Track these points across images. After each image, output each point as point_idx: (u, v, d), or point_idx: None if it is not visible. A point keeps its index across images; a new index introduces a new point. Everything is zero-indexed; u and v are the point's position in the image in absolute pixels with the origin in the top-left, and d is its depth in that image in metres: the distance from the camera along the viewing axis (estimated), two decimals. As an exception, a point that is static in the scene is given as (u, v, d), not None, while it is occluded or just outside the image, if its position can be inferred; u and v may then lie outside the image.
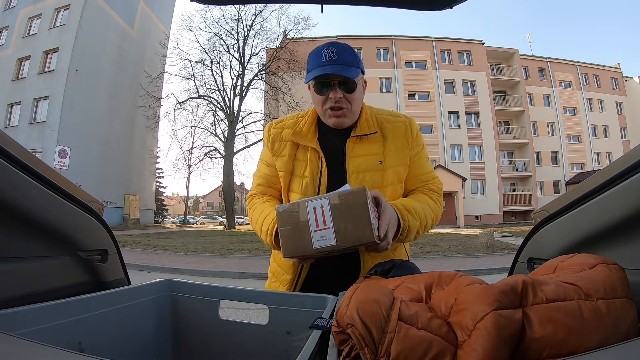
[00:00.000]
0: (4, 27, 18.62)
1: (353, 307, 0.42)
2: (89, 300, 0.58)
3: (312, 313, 0.62)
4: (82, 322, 0.55)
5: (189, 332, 0.71)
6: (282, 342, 0.64)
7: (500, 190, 22.79)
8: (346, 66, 0.93)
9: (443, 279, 0.51)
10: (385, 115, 1.08)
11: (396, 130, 1.04)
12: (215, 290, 0.70)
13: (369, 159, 1.01)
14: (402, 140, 1.04)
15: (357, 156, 1.01)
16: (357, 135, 1.01)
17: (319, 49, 0.97)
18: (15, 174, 0.52)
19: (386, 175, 1.01)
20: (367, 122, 1.03)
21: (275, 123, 1.13)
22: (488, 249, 8.80)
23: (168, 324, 0.72)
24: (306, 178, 1.01)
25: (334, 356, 0.42)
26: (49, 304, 0.52)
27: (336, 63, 0.93)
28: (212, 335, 0.69)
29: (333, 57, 0.94)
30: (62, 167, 11.45)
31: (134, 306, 0.66)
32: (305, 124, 1.06)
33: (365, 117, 1.04)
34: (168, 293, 0.72)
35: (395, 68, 23.21)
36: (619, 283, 0.40)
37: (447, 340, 0.39)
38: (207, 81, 19.99)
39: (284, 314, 0.66)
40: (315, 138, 1.04)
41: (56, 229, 0.64)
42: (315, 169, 1.01)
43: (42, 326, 0.50)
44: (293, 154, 1.05)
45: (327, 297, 0.65)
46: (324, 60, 0.94)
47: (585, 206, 0.62)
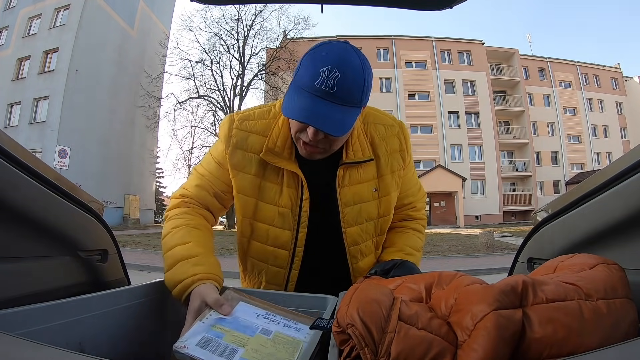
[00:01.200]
0: (4, 27, 18.61)
1: (353, 307, 0.42)
2: (89, 300, 0.58)
3: (313, 313, 0.62)
4: (82, 322, 0.56)
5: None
6: None
7: (500, 190, 22.80)
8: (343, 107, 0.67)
9: (443, 279, 0.51)
10: (376, 125, 0.87)
11: (390, 147, 0.86)
12: None
13: (362, 187, 0.83)
14: (398, 159, 0.87)
15: (350, 185, 0.82)
16: (349, 163, 0.81)
17: (321, 60, 0.68)
18: (15, 174, 0.52)
19: (382, 204, 0.85)
20: (360, 143, 0.83)
21: (239, 120, 0.83)
22: (488, 249, 8.80)
23: (167, 324, 0.72)
24: (283, 208, 0.80)
25: (335, 356, 0.42)
26: (49, 304, 0.52)
27: (331, 99, 0.66)
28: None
29: (331, 89, 0.65)
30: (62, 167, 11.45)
31: (136, 306, 0.66)
32: (279, 135, 0.80)
33: (356, 135, 0.82)
34: (169, 293, 0.72)
35: (395, 68, 23.21)
36: (619, 283, 0.40)
37: (447, 340, 0.39)
38: (207, 81, 19.98)
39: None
40: (292, 157, 0.80)
41: (56, 229, 0.64)
42: (295, 198, 0.80)
43: (42, 326, 0.50)
44: (261, 172, 0.81)
45: (327, 298, 0.65)
46: (318, 85, 0.66)
47: (585, 206, 0.62)
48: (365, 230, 0.85)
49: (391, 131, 0.88)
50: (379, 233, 0.88)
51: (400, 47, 23.57)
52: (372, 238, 0.88)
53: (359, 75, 0.68)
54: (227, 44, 20.22)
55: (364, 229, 0.85)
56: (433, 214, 21.30)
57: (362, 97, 0.70)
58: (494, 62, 25.09)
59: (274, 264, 0.85)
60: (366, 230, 0.86)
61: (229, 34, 20.15)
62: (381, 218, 0.87)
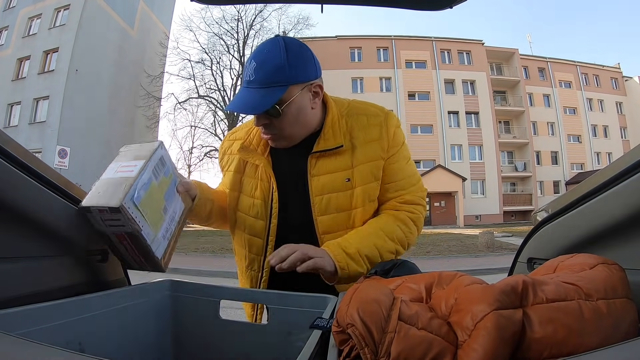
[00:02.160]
0: (4, 27, 18.61)
1: (353, 307, 0.42)
2: (90, 300, 0.58)
3: (313, 313, 0.62)
4: (82, 322, 0.56)
5: (190, 332, 0.71)
6: (282, 343, 0.65)
7: (500, 190, 22.80)
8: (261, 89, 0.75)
9: (443, 279, 0.51)
10: (358, 116, 0.89)
11: (368, 136, 0.87)
12: (215, 290, 0.70)
13: (334, 177, 0.84)
14: (376, 149, 0.86)
15: (320, 174, 0.84)
16: (320, 151, 0.84)
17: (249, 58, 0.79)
18: (15, 174, 0.52)
19: (355, 195, 0.85)
20: (333, 130, 0.85)
21: (229, 134, 1.00)
22: (488, 249, 8.80)
23: (169, 323, 0.72)
24: (257, 199, 0.88)
25: (334, 356, 0.42)
26: (49, 303, 0.52)
27: (251, 86, 0.76)
28: (212, 335, 0.69)
29: (250, 77, 0.76)
30: (62, 167, 11.45)
31: (136, 306, 0.66)
32: (256, 135, 0.90)
33: (330, 124, 0.86)
34: (169, 293, 0.72)
35: (395, 68, 23.21)
36: (620, 283, 0.40)
37: (447, 340, 0.39)
38: (207, 81, 20.02)
39: (284, 314, 0.66)
40: (265, 153, 0.88)
41: (56, 229, 0.64)
42: (267, 190, 0.87)
43: (42, 326, 0.50)
44: (241, 168, 0.92)
45: (327, 297, 0.65)
46: (244, 78, 0.78)
47: (585, 206, 0.62)
48: (337, 221, 0.85)
49: (373, 120, 0.89)
50: (352, 225, 0.85)
51: (400, 47, 23.58)
52: (345, 229, 0.85)
53: (275, 59, 0.75)
54: (227, 44, 20.27)
55: (336, 219, 0.85)
56: (433, 214, 21.30)
57: (282, 77, 0.76)
58: (494, 62, 25.09)
59: (250, 252, 0.91)
60: (339, 220, 0.85)
61: (229, 34, 20.20)
62: (355, 209, 0.85)
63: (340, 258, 0.74)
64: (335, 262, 0.73)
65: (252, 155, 0.89)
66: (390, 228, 0.84)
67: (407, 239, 0.86)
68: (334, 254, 0.75)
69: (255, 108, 0.76)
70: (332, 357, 0.42)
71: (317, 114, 0.87)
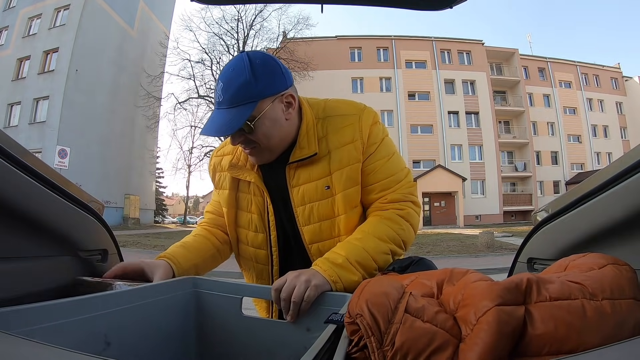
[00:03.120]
0: (4, 27, 18.62)
1: (363, 299, 0.45)
2: (115, 295, 0.59)
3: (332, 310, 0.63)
4: (108, 316, 0.56)
5: (212, 328, 0.72)
6: (302, 339, 0.65)
7: (500, 190, 22.81)
8: (231, 110, 0.75)
9: (454, 276, 0.52)
10: (333, 117, 0.86)
11: (342, 139, 0.83)
12: (237, 288, 0.71)
13: (313, 186, 0.83)
14: (351, 151, 0.83)
15: (300, 184, 0.83)
16: (296, 161, 0.83)
17: (218, 78, 0.80)
18: (15, 174, 0.52)
19: (336, 202, 0.83)
20: (308, 138, 0.83)
21: (216, 150, 1.00)
22: (488, 249, 8.80)
23: (192, 320, 0.73)
24: (253, 214, 0.89)
25: (345, 345, 0.44)
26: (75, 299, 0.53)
27: (222, 107, 0.76)
28: (234, 331, 0.70)
29: (219, 98, 0.77)
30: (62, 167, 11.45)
31: (160, 302, 0.66)
32: (243, 151, 0.88)
33: (305, 131, 0.84)
34: (192, 290, 0.73)
35: (395, 68, 23.21)
36: (628, 284, 0.40)
37: (451, 333, 0.40)
38: (207, 81, 19.99)
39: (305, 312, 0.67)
40: (254, 168, 0.88)
41: (56, 229, 0.64)
42: (261, 204, 0.88)
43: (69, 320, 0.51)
44: (235, 185, 0.92)
45: (346, 295, 0.65)
46: (215, 100, 0.79)
47: (586, 206, 0.62)
48: (322, 229, 0.84)
49: (347, 121, 0.85)
50: (339, 233, 0.84)
51: (400, 47, 23.58)
52: (333, 237, 0.84)
53: (240, 77, 0.75)
54: (227, 44, 20.24)
55: (321, 228, 0.84)
56: (433, 214, 21.32)
57: (251, 93, 0.75)
58: (494, 62, 25.10)
59: (258, 262, 0.93)
60: (323, 229, 0.84)
61: (229, 34, 20.17)
62: (338, 217, 0.84)
63: (331, 272, 0.71)
64: (327, 278, 0.70)
65: (242, 171, 0.89)
66: (378, 228, 0.80)
67: (401, 237, 0.82)
68: (323, 270, 0.71)
69: (227, 129, 0.75)
70: (342, 346, 0.44)
71: (294, 124, 0.85)
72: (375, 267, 0.77)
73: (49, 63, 17.56)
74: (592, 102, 25.52)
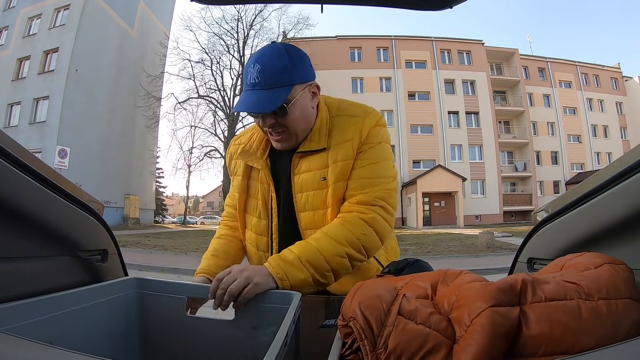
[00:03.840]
0: (4, 27, 18.62)
1: (356, 302, 0.45)
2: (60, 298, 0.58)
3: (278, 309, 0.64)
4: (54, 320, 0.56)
5: (156, 329, 0.71)
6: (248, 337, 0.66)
7: (500, 190, 22.80)
8: (268, 90, 0.79)
9: (448, 277, 0.52)
10: (342, 117, 0.91)
11: (344, 136, 0.88)
12: (181, 288, 0.71)
13: (312, 175, 0.88)
14: (348, 148, 0.87)
15: (301, 173, 0.89)
16: (302, 152, 0.88)
17: (249, 62, 0.82)
18: (15, 174, 0.52)
19: (328, 194, 0.87)
20: (320, 133, 0.89)
21: (234, 139, 1.05)
22: (488, 249, 8.79)
23: (136, 321, 0.72)
24: (259, 201, 0.95)
25: (338, 348, 0.44)
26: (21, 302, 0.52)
27: (257, 87, 0.80)
28: (179, 332, 0.69)
29: (255, 79, 0.80)
30: (62, 167, 11.46)
31: (103, 304, 0.66)
32: (256, 139, 0.96)
33: (318, 126, 0.89)
34: (135, 291, 0.72)
35: (395, 68, 23.21)
36: (624, 283, 0.40)
37: (445, 335, 0.40)
38: (207, 81, 20.02)
39: (250, 310, 0.67)
40: (263, 157, 0.93)
41: (56, 229, 0.64)
42: (266, 191, 0.94)
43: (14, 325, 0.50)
44: (247, 172, 0.98)
45: (292, 293, 0.66)
46: (248, 82, 0.81)
47: (586, 206, 0.62)
48: (316, 218, 0.89)
49: (352, 122, 0.89)
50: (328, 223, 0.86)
51: (400, 47, 23.58)
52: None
53: (278, 62, 0.80)
54: (227, 44, 20.26)
55: (315, 217, 0.89)
56: (433, 214, 21.31)
57: (289, 76, 0.81)
58: (494, 62, 25.09)
59: (259, 250, 0.98)
60: (317, 218, 0.89)
61: (229, 34, 20.18)
62: (328, 208, 0.87)
63: (278, 269, 0.72)
64: (273, 274, 0.71)
65: (252, 158, 0.94)
66: (337, 231, 0.80)
67: (361, 242, 0.81)
68: (272, 266, 0.73)
69: (264, 107, 0.79)
70: (335, 348, 0.44)
71: (315, 115, 0.90)
72: (327, 268, 0.77)
73: (49, 63, 17.56)
74: (592, 102, 25.51)
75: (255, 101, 0.79)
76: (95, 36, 17.93)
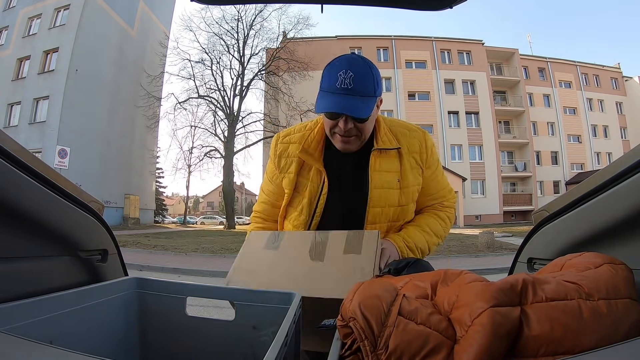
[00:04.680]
0: (4, 27, 18.61)
1: (356, 302, 0.44)
2: (60, 298, 0.58)
3: (278, 309, 0.65)
4: (54, 320, 0.56)
5: (156, 329, 0.71)
6: (248, 337, 0.66)
7: (500, 190, 22.79)
8: (361, 98, 0.87)
9: (448, 277, 0.52)
10: (400, 129, 1.04)
11: (411, 147, 1.02)
12: (182, 287, 0.71)
13: (390, 175, 0.98)
14: (417, 159, 1.03)
15: (381, 171, 0.97)
16: (379, 149, 0.98)
17: (336, 67, 0.89)
18: (15, 174, 0.52)
19: (403, 194, 0.99)
20: (387, 135, 1.00)
21: (282, 136, 1.09)
22: (488, 249, 8.79)
23: (136, 321, 0.72)
24: (305, 198, 1.00)
25: (337, 348, 0.44)
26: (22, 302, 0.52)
27: (351, 93, 0.86)
28: (179, 331, 0.69)
29: (349, 85, 0.86)
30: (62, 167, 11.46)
31: (103, 304, 0.66)
32: (313, 139, 1.02)
33: (383, 130, 1.01)
34: (135, 291, 0.72)
35: (395, 68, 23.21)
36: (623, 283, 0.40)
37: (445, 335, 0.40)
38: (207, 81, 20.01)
39: (250, 310, 0.67)
40: (321, 157, 1.01)
41: (56, 229, 0.64)
42: (315, 190, 1.00)
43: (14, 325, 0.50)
44: (298, 171, 1.03)
45: (292, 294, 0.66)
46: (338, 86, 0.87)
47: (585, 206, 0.62)
48: (384, 214, 0.99)
49: (414, 134, 1.04)
50: (394, 219, 1.00)
51: (400, 47, 23.57)
52: (388, 222, 1.00)
53: (368, 72, 0.89)
54: (227, 44, 20.25)
55: (384, 212, 0.98)
56: (433, 214, 21.25)
57: (374, 88, 0.90)
58: (494, 62, 25.08)
59: None
60: (385, 213, 0.99)
61: (229, 34, 20.18)
62: (400, 207, 1.00)
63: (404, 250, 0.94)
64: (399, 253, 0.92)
65: (310, 158, 1.00)
66: (436, 227, 1.04)
67: (445, 233, 1.07)
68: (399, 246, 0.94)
69: (360, 113, 0.87)
70: (335, 349, 0.44)
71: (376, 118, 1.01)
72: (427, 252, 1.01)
73: (49, 63, 17.54)
74: (592, 102, 25.50)
75: (350, 106, 0.86)
76: (95, 36, 17.92)
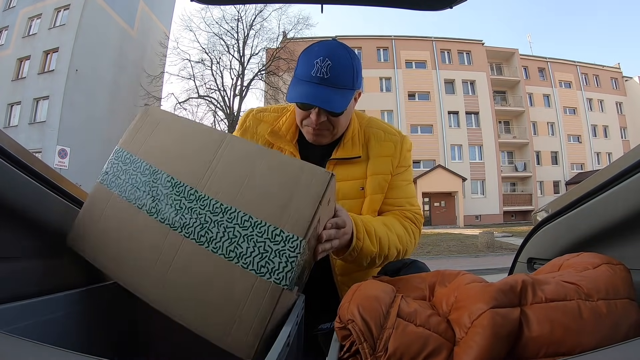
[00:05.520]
0: (4, 27, 18.60)
1: (354, 304, 0.44)
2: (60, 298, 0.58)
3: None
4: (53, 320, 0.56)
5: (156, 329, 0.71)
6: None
7: (500, 190, 22.77)
8: (338, 90, 0.78)
9: (446, 277, 0.52)
10: (375, 130, 0.94)
11: (382, 151, 0.92)
12: None
13: (349, 184, 0.88)
14: (387, 164, 0.91)
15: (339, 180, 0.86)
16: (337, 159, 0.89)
17: (314, 54, 0.79)
18: (15, 174, 0.52)
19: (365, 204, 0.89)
20: (353, 141, 0.90)
21: (255, 112, 0.99)
22: (488, 249, 8.79)
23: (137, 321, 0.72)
24: None
25: (336, 351, 0.43)
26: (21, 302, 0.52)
27: (327, 84, 0.77)
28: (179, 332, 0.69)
29: (325, 75, 0.77)
30: (62, 167, 11.45)
31: (104, 304, 0.66)
32: (285, 122, 0.93)
33: (351, 134, 0.90)
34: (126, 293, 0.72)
35: (395, 68, 23.19)
36: (622, 283, 0.40)
37: (445, 337, 0.40)
38: (207, 81, 19.96)
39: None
40: (293, 141, 0.91)
41: (56, 228, 0.64)
42: None
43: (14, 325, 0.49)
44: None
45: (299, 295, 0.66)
46: (314, 74, 0.78)
47: (585, 206, 0.62)
48: None
49: (390, 137, 0.94)
50: None
51: (400, 47, 23.56)
52: None
53: (348, 62, 0.80)
54: (227, 44, 20.22)
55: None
56: (433, 214, 21.29)
57: (353, 80, 0.81)
58: (494, 62, 25.07)
59: None
60: None
61: (229, 34, 20.14)
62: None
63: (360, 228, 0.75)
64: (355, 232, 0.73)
65: (281, 141, 0.91)
66: (398, 228, 0.88)
67: (407, 245, 0.89)
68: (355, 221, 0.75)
69: (334, 106, 0.79)
70: (333, 351, 0.43)
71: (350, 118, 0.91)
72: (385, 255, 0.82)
73: (49, 63, 17.53)
74: (592, 102, 25.48)
75: (324, 97, 0.77)
76: (95, 36, 17.90)
